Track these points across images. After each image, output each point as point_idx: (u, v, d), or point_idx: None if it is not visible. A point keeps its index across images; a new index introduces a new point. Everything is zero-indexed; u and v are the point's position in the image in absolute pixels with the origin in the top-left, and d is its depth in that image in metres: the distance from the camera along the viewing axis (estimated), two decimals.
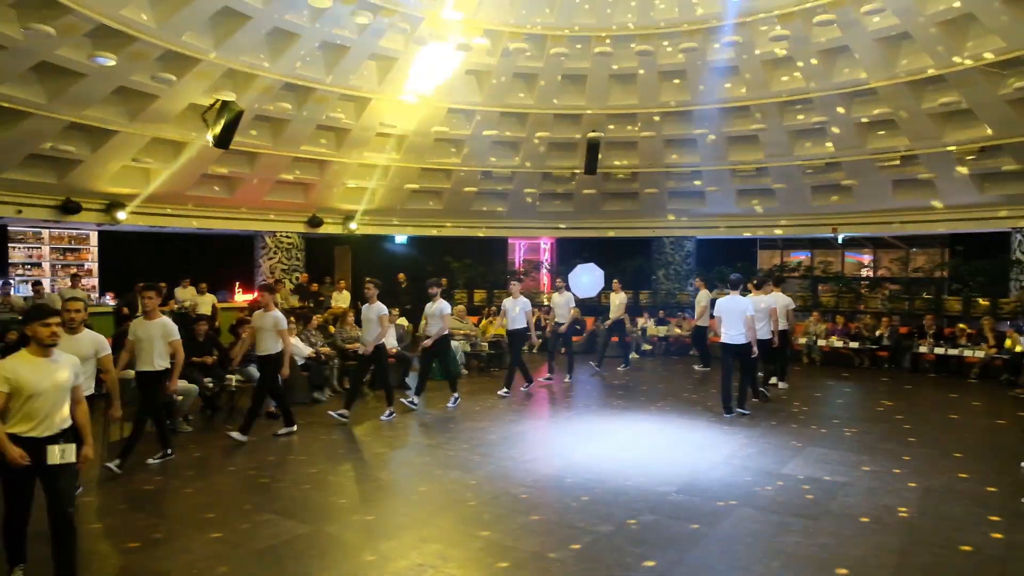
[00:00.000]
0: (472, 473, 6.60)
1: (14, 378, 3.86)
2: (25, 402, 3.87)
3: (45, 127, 10.92)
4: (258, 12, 10.52)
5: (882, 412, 9.63)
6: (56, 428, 3.97)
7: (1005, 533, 5.11)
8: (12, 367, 3.90)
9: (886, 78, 12.09)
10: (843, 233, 16.81)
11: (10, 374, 3.86)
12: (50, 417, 3.94)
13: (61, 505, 3.90)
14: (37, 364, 3.95)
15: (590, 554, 4.73)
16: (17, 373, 3.87)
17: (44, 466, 3.87)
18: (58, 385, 3.97)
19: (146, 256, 15.91)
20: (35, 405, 3.88)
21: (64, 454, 3.95)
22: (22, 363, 3.93)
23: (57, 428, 3.97)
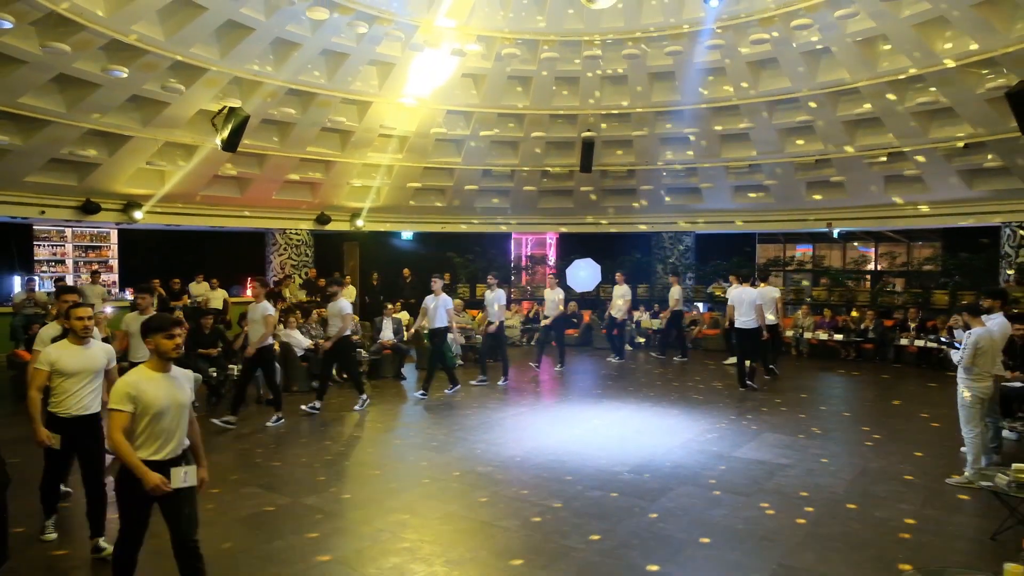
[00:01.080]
0: (444, 455, 7.20)
1: (138, 395, 3.55)
2: (150, 422, 3.58)
3: (65, 134, 11.68)
4: (261, 24, 11.16)
5: (848, 402, 10.10)
6: (179, 449, 3.70)
7: (920, 509, 5.59)
8: (134, 383, 3.57)
9: (868, 78, 12.42)
10: (838, 228, 17.11)
11: (133, 390, 3.55)
12: (175, 438, 3.67)
13: (188, 533, 3.63)
14: (158, 380, 3.64)
15: (536, 525, 5.30)
16: (140, 390, 3.56)
17: (167, 491, 3.56)
18: (181, 403, 3.68)
19: (163, 253, 16.73)
20: (161, 425, 3.59)
21: (187, 476, 3.68)
22: (143, 379, 3.62)
23: (180, 449, 3.71)
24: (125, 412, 3.52)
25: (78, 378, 4.61)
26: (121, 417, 3.53)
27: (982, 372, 6.32)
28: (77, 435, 4.62)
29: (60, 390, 4.59)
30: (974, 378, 6.32)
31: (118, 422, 3.52)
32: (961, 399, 6.38)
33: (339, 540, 4.97)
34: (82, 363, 4.62)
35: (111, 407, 3.56)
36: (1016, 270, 13.61)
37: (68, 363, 4.57)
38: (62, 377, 4.57)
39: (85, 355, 4.66)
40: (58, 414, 4.58)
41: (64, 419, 4.58)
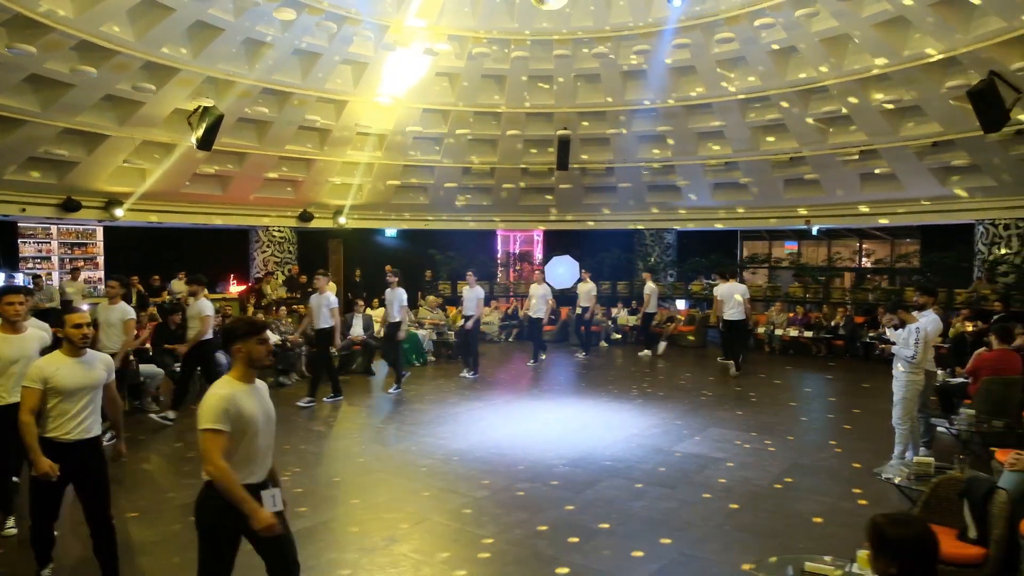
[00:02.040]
0: (390, 448, 7.38)
1: (236, 412, 3.03)
2: (250, 442, 3.10)
3: (41, 133, 11.86)
4: (230, 24, 11.32)
5: (800, 398, 10.21)
6: (268, 471, 3.26)
7: (837, 501, 5.73)
8: (230, 397, 3.04)
9: (835, 76, 12.50)
10: (816, 225, 17.20)
11: (231, 406, 3.01)
12: (267, 458, 3.23)
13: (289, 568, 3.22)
14: (250, 393, 3.15)
15: (459, 513, 5.48)
16: (240, 406, 3.05)
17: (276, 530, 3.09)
18: (273, 418, 3.27)
19: (149, 249, 16.92)
20: (257, 443, 3.14)
21: (275, 500, 3.19)
22: (239, 392, 3.09)
23: (268, 471, 3.26)
24: (223, 432, 2.97)
25: (78, 396, 3.92)
26: (220, 439, 2.96)
27: (919, 366, 6.46)
28: (80, 463, 3.91)
29: (58, 411, 3.87)
30: (914, 372, 6.46)
31: (218, 444, 2.95)
32: (898, 393, 6.51)
33: None
34: (82, 379, 3.93)
35: (205, 427, 2.98)
36: (987, 268, 13.68)
37: (66, 380, 3.88)
38: (59, 397, 3.86)
39: (84, 369, 3.96)
40: (58, 439, 3.85)
41: (65, 445, 3.86)
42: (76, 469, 3.88)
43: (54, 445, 3.82)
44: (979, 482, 3.91)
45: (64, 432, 3.86)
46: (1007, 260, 13.46)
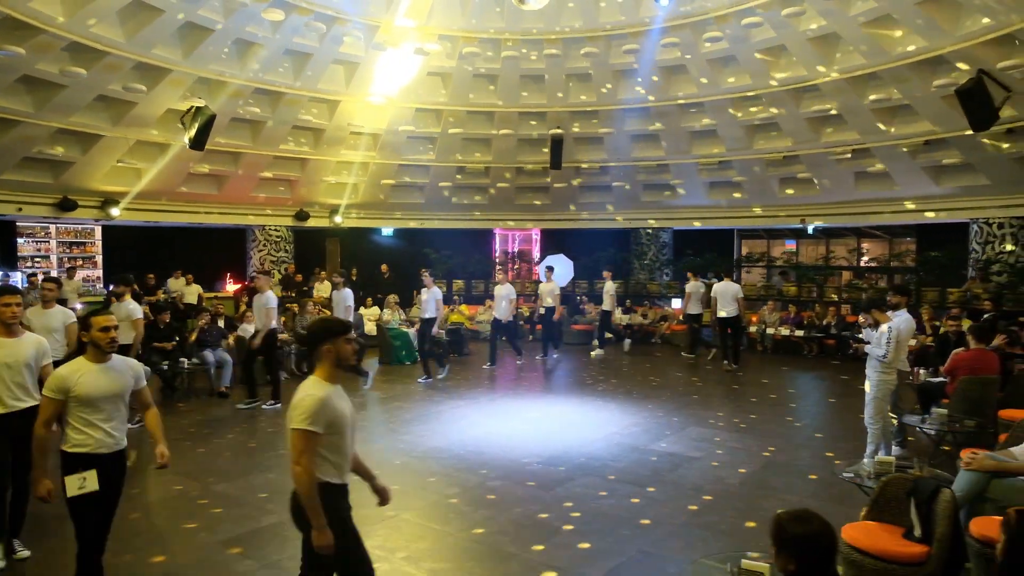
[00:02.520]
0: (368, 446, 7.40)
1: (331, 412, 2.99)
2: (338, 443, 3.05)
3: (35, 133, 11.99)
4: (220, 25, 11.41)
5: (785, 397, 10.20)
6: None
7: (805, 499, 5.75)
8: (326, 398, 2.98)
9: (825, 75, 12.48)
10: (812, 223, 17.16)
11: (323, 407, 2.95)
12: (349, 460, 3.19)
13: None
14: (338, 393, 3.10)
15: (426, 511, 5.53)
16: (334, 407, 3.00)
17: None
18: (355, 419, 3.22)
19: (147, 248, 17.08)
20: (344, 444, 3.08)
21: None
22: (331, 392, 3.04)
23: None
24: (316, 432, 2.92)
25: (103, 405, 3.63)
26: (312, 439, 2.91)
27: (891, 366, 6.47)
28: (104, 476, 3.62)
29: (82, 423, 3.59)
30: (886, 371, 6.48)
31: (310, 444, 2.91)
32: (871, 392, 6.53)
33: (230, 526, 5.22)
34: (108, 386, 3.65)
35: (296, 426, 2.92)
36: (980, 267, 13.63)
37: (90, 388, 3.58)
38: (82, 406, 3.58)
39: (110, 376, 3.68)
40: (87, 453, 3.59)
41: (93, 457, 3.60)
42: (101, 483, 3.57)
43: (80, 459, 3.54)
44: (926, 482, 3.93)
45: (91, 446, 3.57)
46: (1001, 259, 13.41)
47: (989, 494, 4.40)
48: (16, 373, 4.41)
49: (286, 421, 3.04)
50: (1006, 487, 4.33)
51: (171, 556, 4.70)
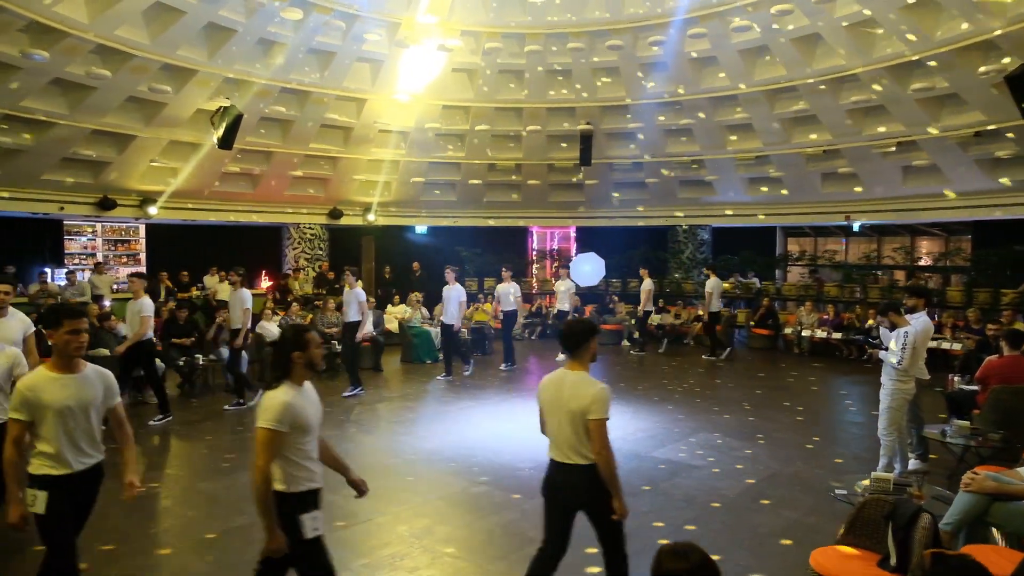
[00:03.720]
0: (363, 446, 7.36)
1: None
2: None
3: (71, 134, 12.36)
4: (242, 25, 11.53)
5: (810, 402, 9.68)
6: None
7: (801, 516, 5.39)
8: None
9: (864, 64, 11.82)
10: (858, 220, 16.37)
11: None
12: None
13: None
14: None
15: (405, 514, 5.40)
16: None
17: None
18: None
19: (187, 245, 17.48)
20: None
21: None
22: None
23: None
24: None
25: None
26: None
27: (907, 373, 6.02)
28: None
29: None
30: (902, 379, 6.03)
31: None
32: (884, 401, 6.09)
33: (213, 523, 5.19)
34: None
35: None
36: None
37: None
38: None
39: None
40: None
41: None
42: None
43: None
44: (906, 505, 3.56)
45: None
46: None
47: (990, 518, 3.99)
48: None
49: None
50: (1008, 512, 3.92)
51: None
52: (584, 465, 3.42)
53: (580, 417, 3.37)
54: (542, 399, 3.64)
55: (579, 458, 3.43)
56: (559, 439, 3.52)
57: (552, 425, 3.56)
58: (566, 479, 3.50)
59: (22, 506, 3.27)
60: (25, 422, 3.26)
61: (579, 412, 3.37)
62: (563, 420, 3.46)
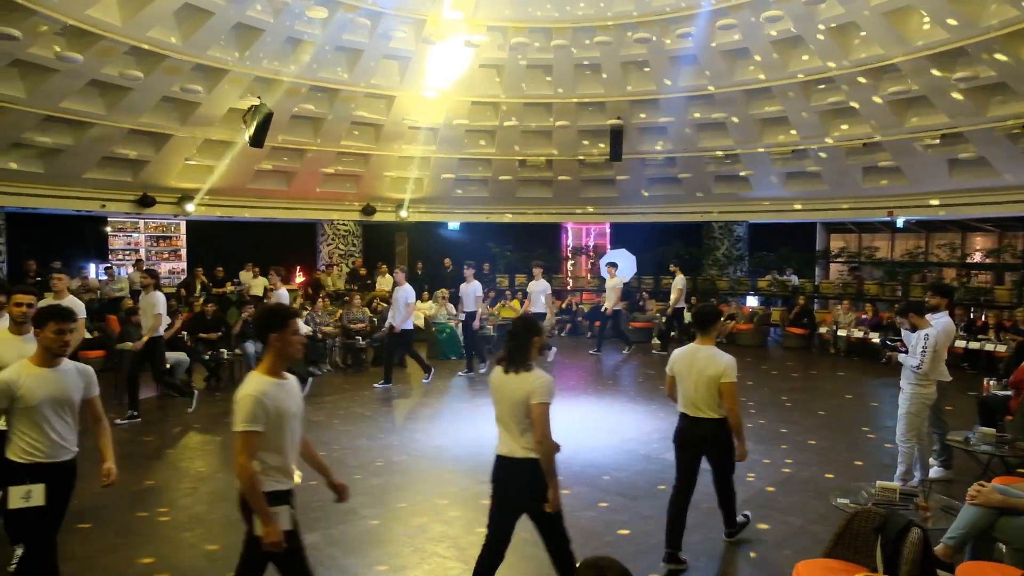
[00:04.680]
0: (377, 441, 7.39)
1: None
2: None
3: (109, 133, 12.74)
4: (269, 25, 11.70)
5: (838, 404, 9.34)
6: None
7: (807, 524, 5.21)
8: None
9: (904, 53, 11.35)
10: (901, 216, 15.76)
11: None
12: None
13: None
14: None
15: (404, 511, 5.41)
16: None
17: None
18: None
19: (226, 242, 17.88)
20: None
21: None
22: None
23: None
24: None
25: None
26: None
27: (928, 377, 5.74)
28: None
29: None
30: (922, 383, 5.76)
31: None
32: (903, 406, 5.83)
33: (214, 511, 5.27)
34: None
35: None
36: None
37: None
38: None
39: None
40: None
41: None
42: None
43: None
44: (897, 518, 3.37)
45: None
46: None
47: (996, 533, 3.76)
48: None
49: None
50: (1015, 526, 3.68)
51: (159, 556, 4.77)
52: (716, 419, 4.42)
53: (715, 381, 4.34)
54: (676, 367, 4.58)
55: (712, 412, 4.43)
56: (695, 398, 4.44)
57: (688, 387, 4.47)
58: (698, 429, 4.49)
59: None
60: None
61: (714, 377, 4.35)
62: (699, 383, 4.40)
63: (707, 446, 4.53)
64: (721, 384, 4.34)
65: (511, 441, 3.60)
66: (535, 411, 3.42)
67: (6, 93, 10.82)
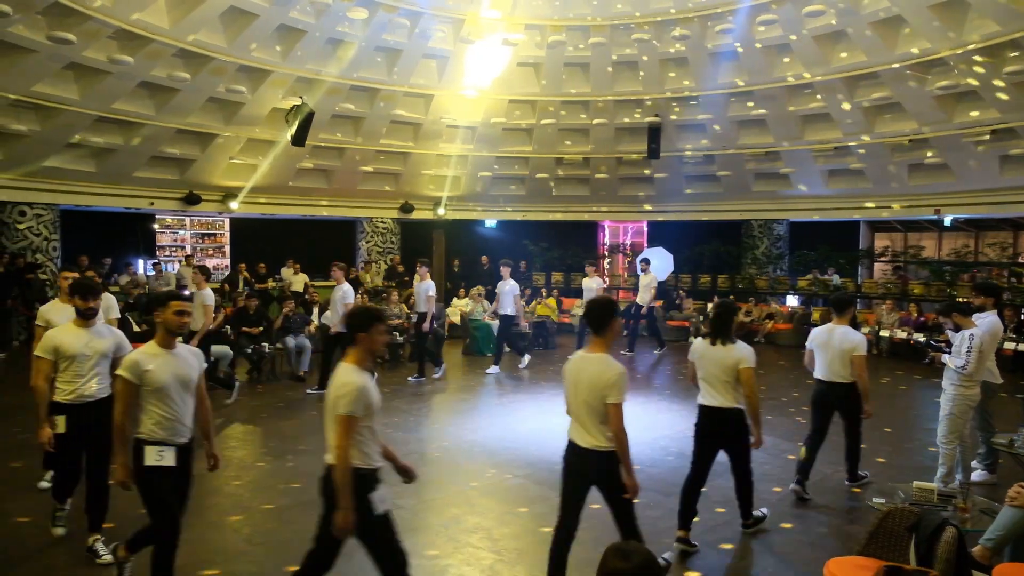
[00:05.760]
0: (411, 434, 7.52)
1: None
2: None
3: (157, 133, 13.15)
4: (312, 26, 11.94)
5: (880, 406, 9.09)
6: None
7: (841, 524, 5.15)
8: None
9: (952, 47, 11.06)
10: (949, 215, 15.34)
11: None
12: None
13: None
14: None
15: (439, 503, 5.50)
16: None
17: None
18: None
19: (268, 239, 18.28)
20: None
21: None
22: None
23: None
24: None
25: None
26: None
27: (972, 378, 5.62)
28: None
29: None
30: (966, 385, 5.64)
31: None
32: (945, 408, 5.71)
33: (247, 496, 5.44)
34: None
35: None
36: None
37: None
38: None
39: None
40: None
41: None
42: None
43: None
44: (932, 516, 3.33)
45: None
46: None
47: None
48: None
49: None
50: None
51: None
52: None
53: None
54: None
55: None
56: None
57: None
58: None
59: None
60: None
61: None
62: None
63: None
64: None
65: (727, 395, 4.67)
66: (745, 377, 4.61)
67: (61, 95, 11.26)
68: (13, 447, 6.65)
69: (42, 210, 13.41)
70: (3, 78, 10.41)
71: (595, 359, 3.67)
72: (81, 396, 4.35)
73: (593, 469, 3.71)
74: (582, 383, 3.67)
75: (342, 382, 3.19)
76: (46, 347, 4.32)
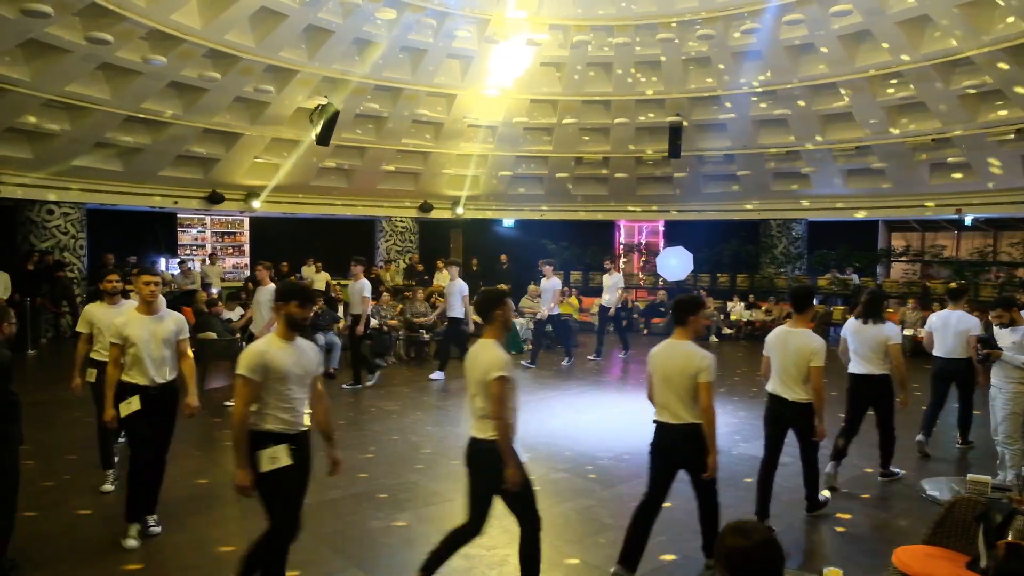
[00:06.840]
0: (446, 429, 7.59)
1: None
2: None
3: (185, 133, 13.29)
4: (339, 26, 12.05)
5: (917, 403, 9.14)
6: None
7: (859, 515, 5.19)
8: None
9: (978, 46, 11.08)
10: (970, 214, 15.34)
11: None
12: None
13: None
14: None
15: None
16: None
17: None
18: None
19: (288, 238, 18.40)
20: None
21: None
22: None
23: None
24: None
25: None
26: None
27: None
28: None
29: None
30: (1022, 382, 5.63)
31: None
32: (1004, 409, 5.67)
33: None
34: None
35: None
36: None
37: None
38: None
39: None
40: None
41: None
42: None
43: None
44: (1000, 506, 3.38)
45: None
46: None
47: None
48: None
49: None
50: None
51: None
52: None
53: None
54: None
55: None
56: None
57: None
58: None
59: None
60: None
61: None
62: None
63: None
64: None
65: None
66: (893, 350, 5.74)
67: (94, 95, 11.39)
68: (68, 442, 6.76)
69: (69, 209, 13.56)
70: (38, 78, 10.55)
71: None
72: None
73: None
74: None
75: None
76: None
